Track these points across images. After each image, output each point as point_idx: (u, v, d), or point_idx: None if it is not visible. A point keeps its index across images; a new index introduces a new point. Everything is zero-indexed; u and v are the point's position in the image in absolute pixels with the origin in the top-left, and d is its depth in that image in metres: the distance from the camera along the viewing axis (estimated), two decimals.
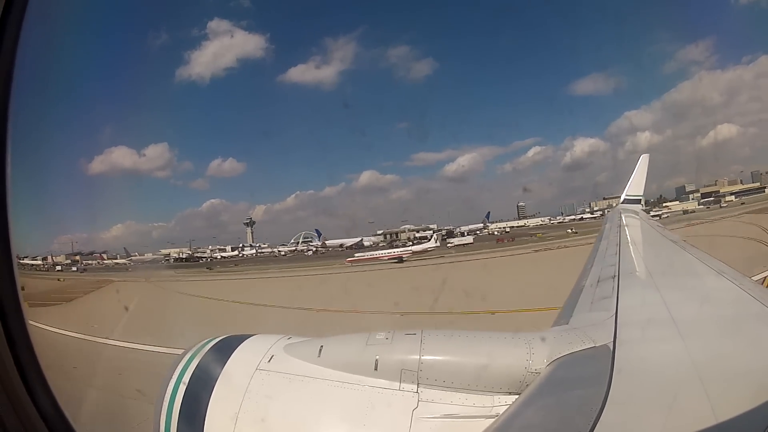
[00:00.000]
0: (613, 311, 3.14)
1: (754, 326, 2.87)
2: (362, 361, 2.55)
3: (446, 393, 2.43)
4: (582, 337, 2.63)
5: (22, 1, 1.97)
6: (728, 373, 2.21)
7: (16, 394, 1.95)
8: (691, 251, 5.66)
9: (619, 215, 10.55)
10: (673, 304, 3.18)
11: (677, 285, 4.15)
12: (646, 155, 13.68)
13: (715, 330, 2.86)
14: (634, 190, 13.23)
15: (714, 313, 3.18)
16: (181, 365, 2.65)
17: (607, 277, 4.45)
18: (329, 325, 14.39)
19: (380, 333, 2.72)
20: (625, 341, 2.56)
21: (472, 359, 2.52)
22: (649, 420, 1.92)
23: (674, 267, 5.25)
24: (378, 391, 2.47)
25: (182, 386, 2.55)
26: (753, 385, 2.02)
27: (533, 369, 2.45)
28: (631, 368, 2.31)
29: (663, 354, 2.50)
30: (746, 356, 2.39)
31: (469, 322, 14.78)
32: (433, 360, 2.51)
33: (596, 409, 1.89)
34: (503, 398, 2.41)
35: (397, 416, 2.37)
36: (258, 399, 2.47)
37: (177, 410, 2.48)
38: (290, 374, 2.57)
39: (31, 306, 22.11)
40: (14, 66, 1.99)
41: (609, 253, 5.95)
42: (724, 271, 4.17)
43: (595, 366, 2.33)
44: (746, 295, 3.33)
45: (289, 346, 2.74)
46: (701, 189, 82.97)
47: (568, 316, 3.41)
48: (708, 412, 1.84)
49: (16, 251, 2.07)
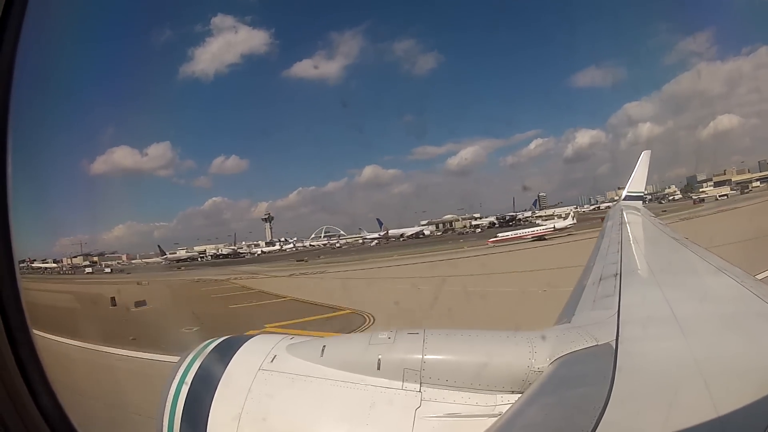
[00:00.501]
0: (615, 309, 3.14)
1: (755, 323, 2.87)
2: (365, 361, 2.55)
3: (449, 392, 2.43)
4: (584, 336, 2.62)
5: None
6: (730, 371, 2.21)
7: (18, 394, 1.95)
8: (693, 248, 5.66)
9: (621, 212, 10.55)
10: (675, 302, 3.17)
11: (679, 282, 4.15)
12: (648, 152, 13.65)
13: (717, 327, 2.86)
14: (635, 186, 13.22)
15: (716, 311, 3.17)
16: (184, 366, 2.65)
17: (609, 275, 4.44)
18: None
19: (382, 332, 2.72)
20: (627, 339, 2.56)
21: (474, 358, 2.52)
22: (651, 417, 1.92)
23: (676, 264, 5.25)
24: (381, 391, 2.47)
25: (185, 387, 2.55)
26: (755, 382, 2.02)
27: (536, 368, 2.45)
28: (633, 366, 2.31)
29: (665, 351, 2.50)
30: (748, 353, 2.38)
31: None
32: (435, 359, 2.50)
33: (599, 407, 1.89)
34: (506, 397, 2.41)
35: (400, 415, 2.37)
36: (261, 399, 2.47)
37: (180, 411, 2.48)
38: (293, 374, 2.57)
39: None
40: (15, 64, 1.98)
41: (611, 251, 5.95)
42: (725, 268, 4.17)
43: (597, 364, 2.33)
44: (748, 292, 3.33)
45: (291, 346, 2.74)
46: (714, 178, 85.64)
47: (570, 315, 3.41)
48: (710, 410, 1.84)
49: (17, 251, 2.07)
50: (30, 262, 61.87)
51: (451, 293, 21.39)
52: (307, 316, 20.82)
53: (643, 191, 13.27)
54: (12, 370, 1.95)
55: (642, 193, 13.37)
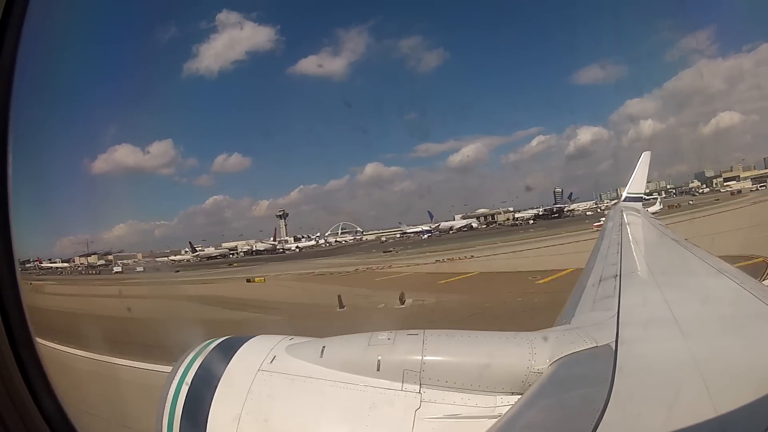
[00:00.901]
0: (615, 310, 3.14)
1: (755, 324, 2.87)
2: (364, 362, 2.55)
3: (448, 393, 2.43)
4: (584, 337, 2.63)
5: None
6: (730, 372, 2.22)
7: (18, 394, 1.95)
8: (693, 250, 5.67)
9: (621, 213, 10.56)
10: (674, 303, 3.18)
11: (679, 284, 4.16)
12: (648, 153, 13.62)
13: (717, 328, 2.86)
14: (635, 187, 13.21)
15: (716, 312, 3.18)
16: (183, 366, 2.65)
17: (608, 276, 4.45)
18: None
19: (382, 333, 2.73)
20: (627, 340, 2.56)
21: (474, 359, 2.52)
22: (651, 419, 1.92)
23: (676, 266, 5.26)
24: (380, 392, 2.47)
25: (185, 387, 2.55)
26: (755, 383, 2.02)
27: (535, 369, 2.45)
28: (633, 367, 2.31)
29: (665, 353, 2.51)
30: (748, 354, 2.39)
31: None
32: (435, 360, 2.50)
33: (599, 409, 1.89)
34: (506, 398, 2.41)
35: (400, 416, 2.37)
36: (260, 400, 2.47)
37: (179, 411, 2.48)
38: (292, 375, 2.57)
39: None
40: (16, 62, 1.98)
41: (611, 252, 5.95)
42: (725, 269, 4.18)
43: (597, 365, 2.33)
44: (748, 293, 3.33)
45: (291, 347, 2.74)
46: (723, 174, 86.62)
47: (570, 316, 3.41)
48: (710, 411, 1.84)
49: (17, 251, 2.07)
50: (39, 262, 60.66)
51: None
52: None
53: (643, 192, 13.27)
54: (12, 370, 1.95)
55: (642, 194, 13.37)
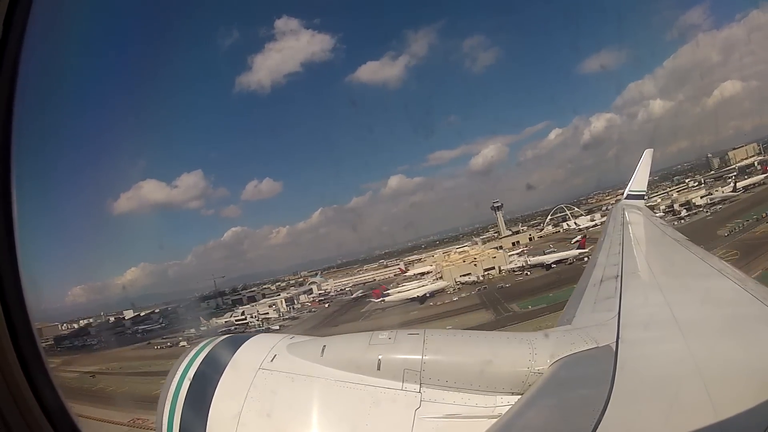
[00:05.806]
0: (616, 311, 3.13)
1: (755, 326, 2.87)
2: (365, 361, 2.56)
3: (448, 393, 2.43)
4: (585, 338, 2.63)
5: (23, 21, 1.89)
6: (730, 373, 2.22)
7: (19, 390, 1.95)
8: (693, 250, 5.63)
9: (622, 212, 10.49)
10: (675, 305, 3.17)
11: (679, 285, 4.14)
12: (650, 150, 13.49)
13: (716, 330, 2.86)
14: (637, 185, 13.10)
15: (715, 313, 3.17)
16: (186, 362, 2.66)
17: (610, 276, 4.43)
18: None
19: (383, 332, 2.72)
20: (627, 341, 2.56)
21: (474, 359, 2.52)
22: (651, 419, 1.92)
23: (676, 266, 5.23)
24: (380, 391, 2.47)
25: (186, 382, 2.55)
26: (754, 384, 2.03)
27: (536, 369, 2.45)
28: (633, 368, 2.31)
29: (665, 354, 2.51)
30: (747, 356, 2.39)
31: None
32: (435, 360, 2.51)
33: (599, 409, 1.89)
34: (506, 398, 2.41)
35: (400, 416, 2.37)
36: (261, 397, 2.48)
37: (180, 407, 2.48)
38: (293, 373, 2.57)
39: None
40: (17, 76, 1.94)
41: (612, 252, 5.93)
42: (725, 270, 4.16)
43: (597, 367, 2.33)
44: (748, 295, 3.32)
45: (292, 346, 2.74)
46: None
47: (571, 316, 3.41)
48: (710, 412, 1.85)
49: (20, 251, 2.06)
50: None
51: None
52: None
53: (645, 190, 13.16)
54: (14, 367, 1.95)
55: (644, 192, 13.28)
